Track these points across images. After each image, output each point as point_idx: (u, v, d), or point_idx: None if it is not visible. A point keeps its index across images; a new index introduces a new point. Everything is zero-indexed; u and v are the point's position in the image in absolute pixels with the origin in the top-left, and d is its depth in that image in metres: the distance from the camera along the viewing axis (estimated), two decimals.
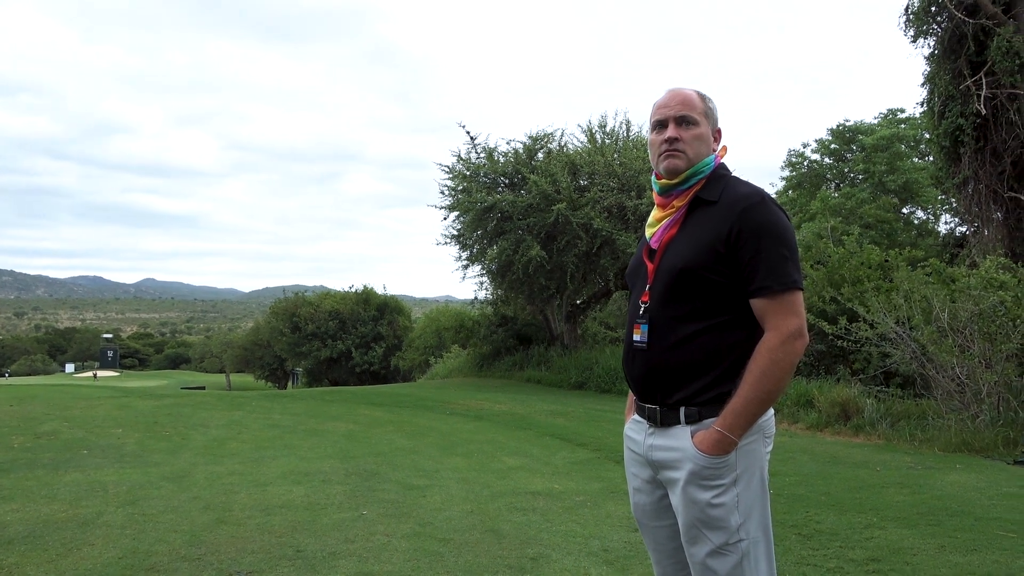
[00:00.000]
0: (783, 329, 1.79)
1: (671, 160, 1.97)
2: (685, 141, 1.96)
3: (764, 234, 1.82)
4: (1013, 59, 11.10)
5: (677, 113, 1.98)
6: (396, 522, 4.51)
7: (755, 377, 1.80)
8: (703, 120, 1.99)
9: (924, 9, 12.26)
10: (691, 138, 1.97)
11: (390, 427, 8.75)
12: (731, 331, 1.88)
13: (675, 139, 1.97)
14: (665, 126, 2.00)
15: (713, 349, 1.87)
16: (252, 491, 5.23)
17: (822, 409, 9.41)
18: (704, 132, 1.98)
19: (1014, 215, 12.02)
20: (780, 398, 1.85)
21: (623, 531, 4.39)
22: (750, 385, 1.81)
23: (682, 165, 1.97)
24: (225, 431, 8.02)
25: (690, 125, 1.97)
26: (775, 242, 1.82)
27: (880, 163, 24.40)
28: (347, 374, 33.63)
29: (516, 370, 18.10)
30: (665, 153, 1.98)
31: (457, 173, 16.97)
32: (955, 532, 4.34)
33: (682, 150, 1.96)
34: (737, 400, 1.82)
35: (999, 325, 7.73)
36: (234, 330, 77.44)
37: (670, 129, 1.98)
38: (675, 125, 1.98)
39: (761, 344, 1.82)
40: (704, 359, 1.87)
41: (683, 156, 1.96)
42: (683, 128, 1.97)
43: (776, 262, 1.81)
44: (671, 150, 1.97)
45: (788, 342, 1.79)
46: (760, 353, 1.81)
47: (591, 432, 8.57)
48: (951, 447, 7.53)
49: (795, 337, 1.80)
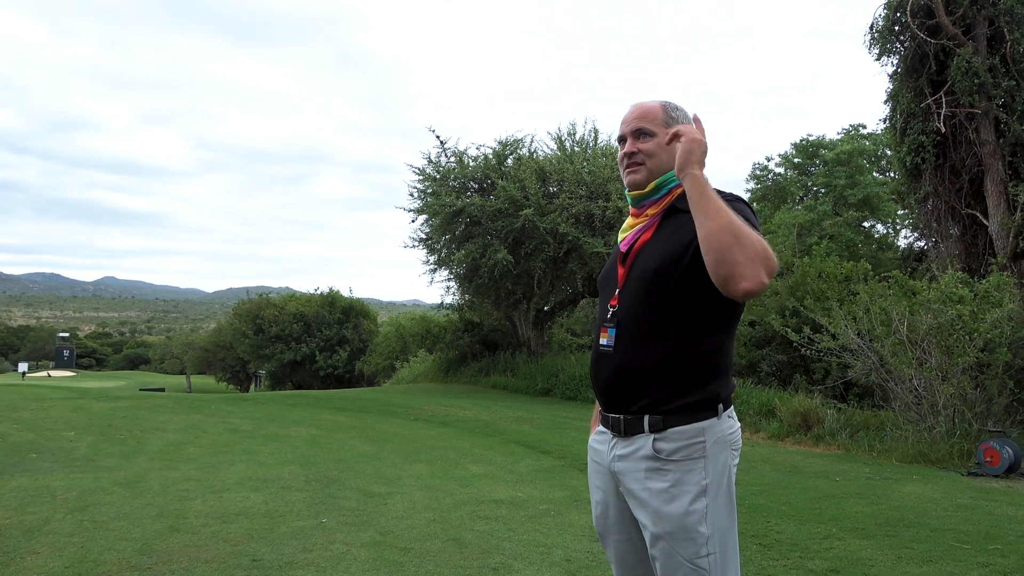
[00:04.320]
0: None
1: (631, 175, 2.00)
2: (643, 153, 1.97)
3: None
4: (972, 79, 11.40)
5: (633, 127, 2.00)
6: (356, 530, 4.43)
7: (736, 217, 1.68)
8: (661, 129, 1.98)
9: (888, 28, 12.53)
10: (648, 149, 1.97)
11: (353, 432, 8.63)
12: (703, 337, 1.85)
13: (632, 153, 1.99)
14: (625, 141, 2.02)
15: (683, 354, 1.83)
16: (208, 498, 5.09)
17: (784, 419, 9.53)
18: (663, 141, 1.97)
19: (971, 231, 12.33)
20: (718, 238, 1.65)
21: (586, 540, 4.36)
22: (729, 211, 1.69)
23: (640, 178, 1.98)
24: (183, 435, 7.84)
25: (647, 137, 1.98)
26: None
27: (841, 177, 24.89)
28: (311, 377, 33.20)
29: (482, 376, 18.04)
30: (626, 168, 2.01)
31: (427, 176, 16.89)
32: (912, 543, 4.40)
33: (640, 162, 1.98)
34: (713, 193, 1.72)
35: (956, 338, 7.91)
36: (196, 331, 75.96)
37: (628, 143, 2.01)
38: (632, 139, 2.00)
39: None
40: (672, 364, 1.83)
41: (642, 169, 1.97)
42: (640, 141, 1.99)
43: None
44: (630, 164, 2.00)
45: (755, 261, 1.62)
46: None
47: (556, 439, 8.55)
48: (908, 458, 7.67)
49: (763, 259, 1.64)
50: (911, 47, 12.26)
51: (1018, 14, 11.73)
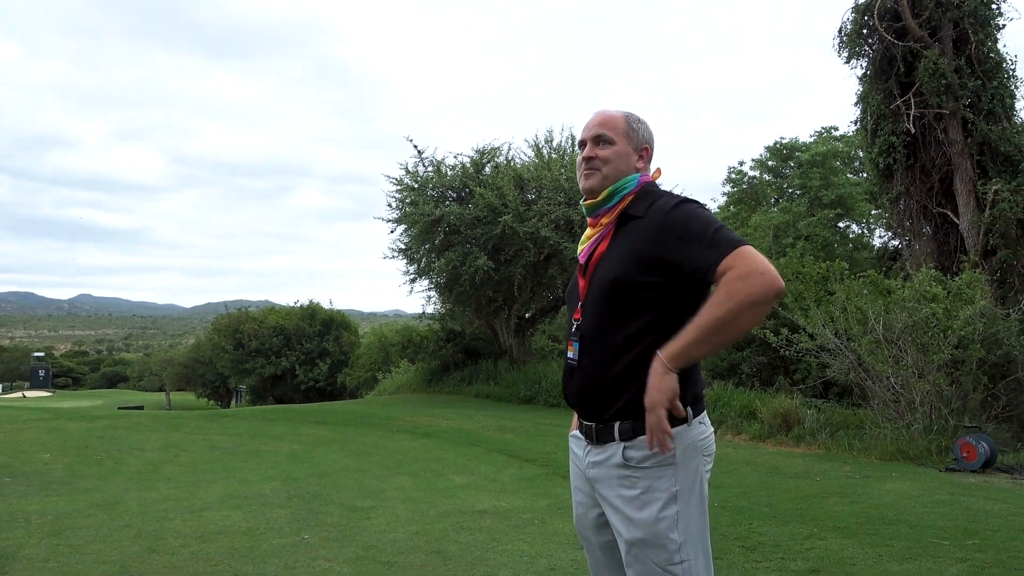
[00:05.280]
0: (739, 269, 1.70)
1: (586, 180, 2.02)
2: (600, 159, 1.99)
3: (689, 226, 1.79)
4: (939, 80, 11.61)
5: (594, 133, 2.02)
6: (339, 546, 4.39)
7: (706, 306, 1.73)
8: (621, 139, 2.00)
9: (856, 32, 12.73)
10: (606, 156, 1.99)
11: (334, 446, 8.56)
12: (664, 342, 1.83)
13: (590, 158, 2.01)
14: (585, 146, 2.04)
15: (645, 361, 1.82)
16: (187, 517, 5.02)
17: (765, 420, 9.59)
18: (622, 150, 2.00)
19: (942, 230, 12.53)
20: (734, 336, 1.75)
21: (570, 549, 4.35)
22: (700, 313, 1.73)
23: (596, 184, 1.99)
24: (161, 454, 7.73)
25: (606, 144, 2.00)
26: (702, 227, 1.78)
27: (815, 178, 25.18)
28: (292, 391, 32.90)
29: (464, 385, 17.99)
30: (583, 173, 2.03)
31: (405, 186, 16.87)
32: (892, 541, 4.45)
33: (597, 168, 2.00)
34: (686, 328, 1.75)
35: (931, 336, 8.02)
36: (175, 347, 74.89)
37: (587, 149, 2.03)
38: (591, 144, 2.02)
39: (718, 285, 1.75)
40: (638, 371, 1.83)
41: (597, 174, 1.99)
42: (599, 147, 2.01)
43: (711, 239, 1.76)
44: (587, 169, 2.02)
45: (746, 278, 1.68)
46: (715, 290, 1.74)
47: (539, 447, 8.54)
48: (887, 455, 7.75)
49: (755, 274, 1.69)
50: (879, 50, 12.47)
51: (982, 16, 11.97)
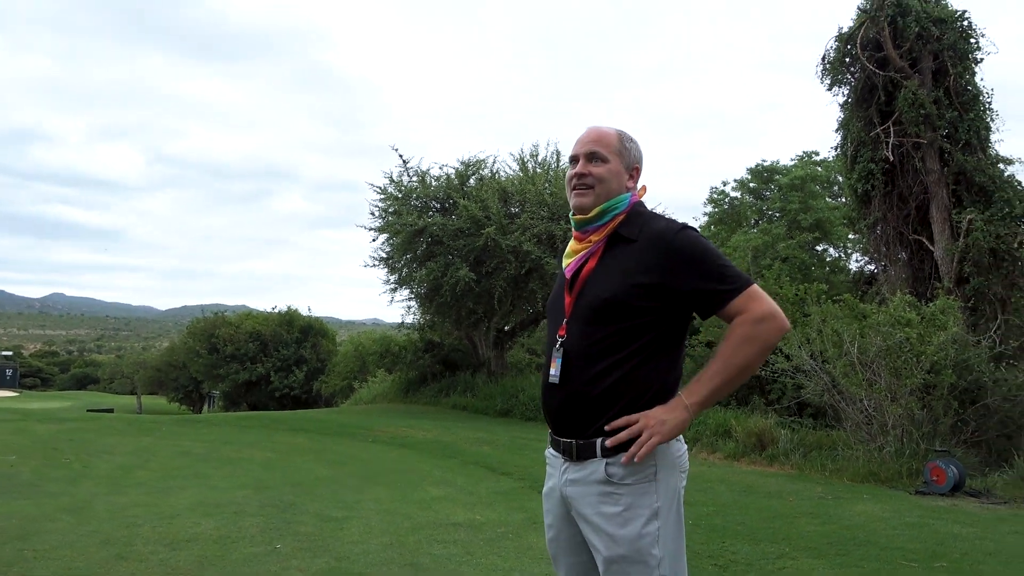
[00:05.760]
0: (755, 312, 1.81)
1: (579, 197, 2.01)
2: (594, 176, 1.99)
3: (696, 257, 1.85)
4: (918, 110, 11.85)
5: (588, 149, 2.02)
6: (311, 556, 4.35)
7: (725, 351, 1.82)
8: (615, 157, 2.01)
9: (839, 60, 12.97)
10: (600, 174, 1.99)
11: (310, 455, 8.49)
12: (650, 365, 1.89)
13: (583, 175, 2.00)
14: (577, 161, 2.04)
15: (631, 382, 1.87)
16: (157, 524, 4.95)
17: (739, 439, 9.67)
18: (615, 169, 2.01)
19: (918, 256, 12.74)
20: (748, 377, 1.87)
21: (544, 564, 4.35)
22: (719, 358, 1.83)
23: (588, 202, 1.99)
24: (132, 458, 7.61)
25: (600, 161, 2.00)
26: (709, 260, 1.85)
27: (794, 201, 25.55)
28: (266, 398, 32.49)
29: (442, 396, 17.92)
30: (574, 189, 2.02)
31: (389, 195, 16.85)
32: (861, 562, 4.50)
33: (590, 185, 1.99)
34: (704, 371, 1.84)
35: (904, 360, 8.14)
36: (148, 349, 73.72)
37: (580, 164, 2.02)
38: (585, 161, 2.01)
39: (732, 325, 1.84)
40: (623, 390, 1.86)
41: (590, 192, 1.99)
42: (592, 164, 2.00)
43: (720, 274, 1.84)
44: (579, 185, 2.01)
45: (763, 322, 1.80)
46: (732, 330, 1.83)
47: (516, 460, 8.53)
48: (859, 477, 7.84)
49: (770, 318, 1.81)
50: (861, 78, 12.70)
51: (961, 49, 12.25)
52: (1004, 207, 11.46)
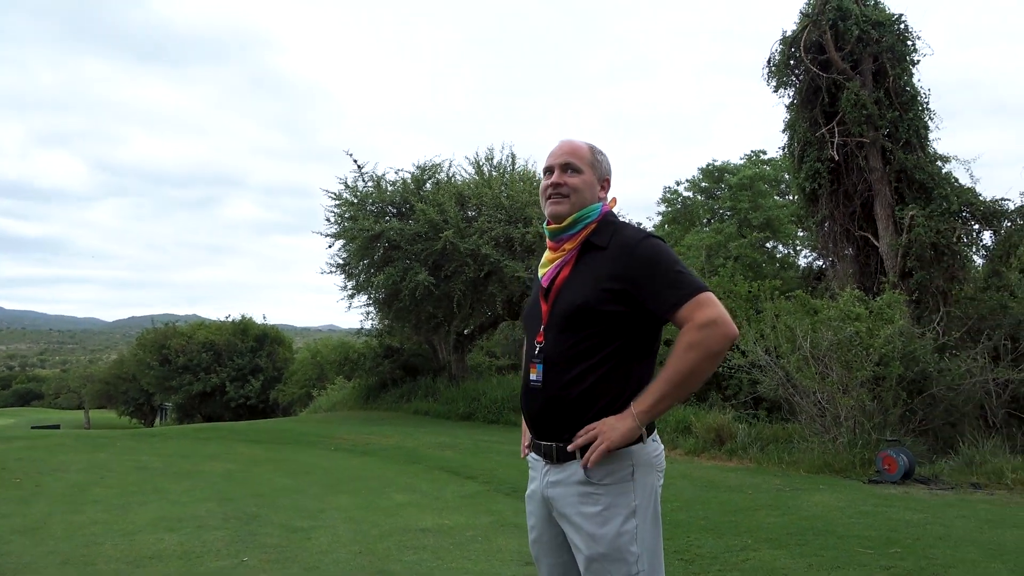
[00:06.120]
0: (699, 319, 1.85)
1: (554, 206, 2.08)
2: (569, 186, 2.07)
3: (655, 264, 1.93)
4: (860, 111, 12.26)
5: (563, 161, 2.10)
6: (280, 568, 4.31)
7: (671, 358, 1.87)
8: (588, 169, 2.10)
9: (784, 63, 13.34)
10: (574, 184, 2.07)
11: (271, 466, 8.38)
12: (626, 367, 1.95)
13: (559, 184, 2.08)
14: (552, 172, 2.11)
15: (608, 385, 1.94)
16: (118, 541, 4.84)
17: (699, 435, 9.86)
18: (589, 179, 2.09)
19: (864, 252, 13.18)
20: (698, 385, 1.91)
21: (514, 565, 4.39)
22: (667, 365, 1.87)
23: (564, 210, 2.07)
24: (87, 475, 7.41)
25: (574, 172, 2.09)
26: (666, 267, 1.92)
27: (744, 201, 26.13)
28: (222, 409, 31.81)
29: (403, 402, 17.83)
30: (550, 198, 2.10)
31: (345, 200, 16.69)
32: (821, 551, 4.65)
33: (565, 194, 2.07)
34: (654, 379, 1.90)
35: (855, 354, 8.42)
36: (95, 362, 71.42)
37: (555, 175, 2.10)
38: (560, 171, 2.09)
39: (680, 332, 1.89)
40: (598, 394, 1.93)
41: (566, 201, 2.07)
42: (567, 175, 2.08)
43: (674, 280, 1.91)
44: (554, 195, 2.09)
45: (705, 328, 1.84)
46: (679, 338, 1.88)
47: (480, 464, 8.55)
48: (815, 468, 8.07)
49: (713, 324, 1.84)
50: (805, 80, 13.08)
51: (899, 51, 12.72)
52: (943, 203, 11.94)
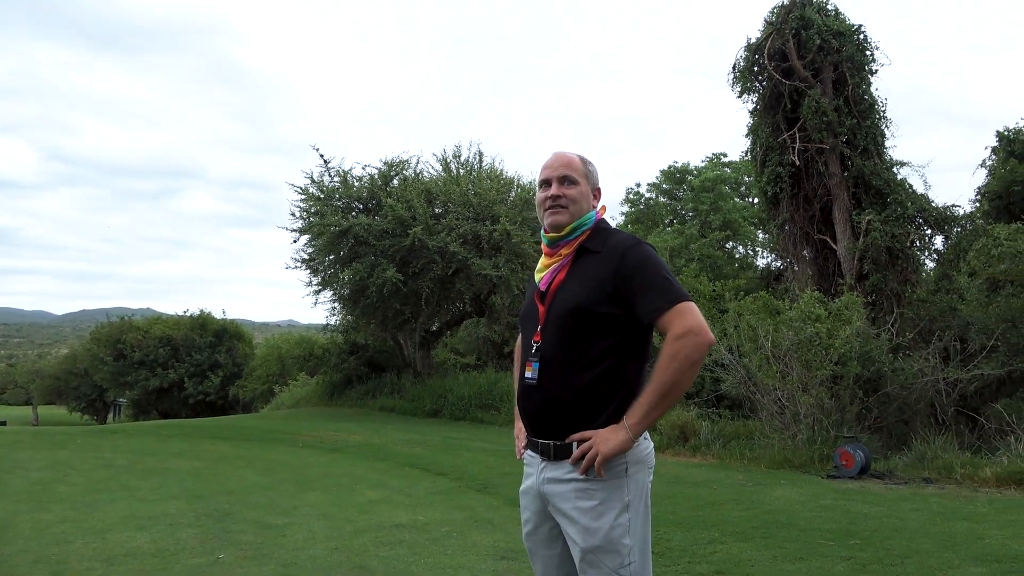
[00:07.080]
0: (676, 329, 1.97)
1: (554, 216, 2.20)
2: (567, 198, 2.19)
3: (643, 268, 2.04)
4: (820, 118, 12.62)
5: (560, 173, 2.22)
6: (257, 565, 4.33)
7: (656, 369, 1.98)
8: (583, 180, 2.23)
9: (748, 69, 13.66)
10: (572, 195, 2.19)
11: (240, 463, 8.32)
12: (619, 367, 2.06)
13: (558, 196, 2.19)
14: (550, 184, 2.22)
15: (602, 384, 2.04)
16: (89, 539, 4.80)
17: (663, 432, 10.06)
18: (584, 190, 2.22)
19: (822, 255, 13.57)
20: (682, 392, 2.03)
21: (491, 560, 4.48)
22: (652, 377, 1.99)
23: (564, 220, 2.18)
24: (49, 473, 7.28)
25: (571, 184, 2.21)
26: (653, 272, 2.04)
27: (705, 203, 26.61)
28: (179, 405, 31.21)
29: (368, 398, 17.77)
30: (550, 209, 2.21)
31: (310, 195, 16.55)
32: (784, 543, 4.84)
33: (564, 205, 2.19)
34: (643, 395, 2.00)
35: (814, 353, 8.69)
36: (44, 357, 69.26)
37: (553, 187, 2.21)
38: (558, 184, 2.21)
39: (663, 343, 2.01)
40: (593, 393, 2.04)
41: (565, 212, 2.19)
42: (565, 186, 2.20)
43: (660, 286, 2.02)
44: (554, 206, 2.20)
45: (682, 338, 1.95)
46: (662, 348, 1.99)
47: (450, 460, 8.62)
48: (776, 464, 8.32)
49: (689, 334, 1.96)
50: (768, 87, 13.41)
51: (858, 61, 13.12)
52: (898, 208, 12.37)
